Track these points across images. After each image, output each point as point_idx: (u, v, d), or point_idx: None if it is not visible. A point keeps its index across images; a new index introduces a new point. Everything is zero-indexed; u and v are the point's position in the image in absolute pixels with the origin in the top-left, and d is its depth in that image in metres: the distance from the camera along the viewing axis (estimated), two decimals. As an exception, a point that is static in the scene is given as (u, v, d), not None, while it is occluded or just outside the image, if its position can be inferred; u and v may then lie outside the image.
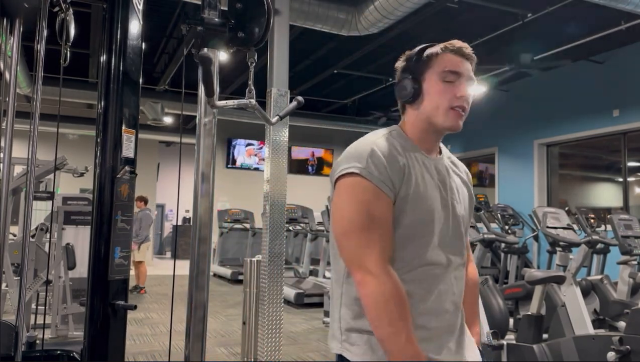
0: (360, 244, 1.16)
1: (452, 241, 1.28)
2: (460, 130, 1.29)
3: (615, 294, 4.67)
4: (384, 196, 1.18)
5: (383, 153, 1.21)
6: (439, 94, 1.26)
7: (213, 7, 1.42)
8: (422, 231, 1.23)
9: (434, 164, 1.30)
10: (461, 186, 1.36)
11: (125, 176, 1.92)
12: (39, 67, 1.87)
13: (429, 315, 1.22)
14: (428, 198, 1.24)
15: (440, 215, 1.25)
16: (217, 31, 1.39)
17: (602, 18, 6.18)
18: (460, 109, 1.27)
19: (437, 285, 1.24)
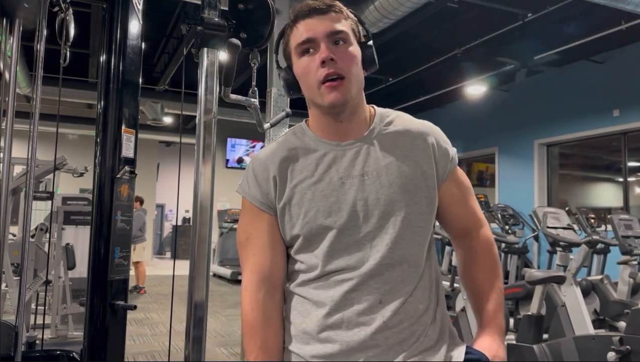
0: (241, 262, 1.15)
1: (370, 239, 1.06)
2: (348, 101, 1.07)
3: (615, 294, 4.66)
4: (259, 211, 1.12)
5: (256, 167, 1.14)
6: (304, 73, 1.09)
7: (213, 7, 1.41)
8: (310, 238, 1.08)
9: (345, 152, 1.10)
10: (393, 164, 1.09)
11: (125, 176, 1.91)
12: (38, 67, 1.87)
13: (335, 329, 1.04)
14: (311, 201, 1.08)
15: (338, 214, 1.07)
16: (217, 31, 1.39)
17: (602, 18, 6.17)
18: (332, 77, 1.05)
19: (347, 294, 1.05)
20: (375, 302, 1.04)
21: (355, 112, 1.12)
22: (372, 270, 1.05)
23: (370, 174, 1.08)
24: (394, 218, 1.06)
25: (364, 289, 1.05)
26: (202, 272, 1.36)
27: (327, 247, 1.06)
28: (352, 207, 1.07)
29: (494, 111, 9.38)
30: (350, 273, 1.06)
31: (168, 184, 15.04)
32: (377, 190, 1.07)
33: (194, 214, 1.36)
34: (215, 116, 1.38)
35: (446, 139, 1.17)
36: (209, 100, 1.37)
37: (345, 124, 1.11)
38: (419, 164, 1.10)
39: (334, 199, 1.07)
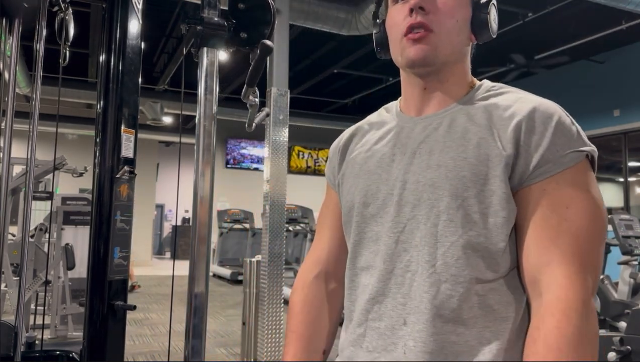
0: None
1: (394, 235, 0.83)
2: (433, 60, 0.85)
3: (615, 294, 4.66)
4: (330, 190, 1.02)
5: (335, 143, 1.03)
6: (391, 26, 0.89)
7: (213, 6, 1.41)
8: (347, 223, 0.92)
9: (416, 125, 0.88)
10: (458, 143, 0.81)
11: (125, 176, 1.91)
12: (38, 66, 1.86)
13: (356, 346, 0.86)
14: (356, 177, 0.91)
15: (374, 196, 0.87)
16: (216, 31, 1.38)
17: (602, 18, 6.17)
18: (417, 27, 0.83)
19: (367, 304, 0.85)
20: (398, 323, 0.80)
21: (446, 80, 0.88)
22: (399, 275, 0.82)
23: (422, 152, 0.84)
24: (431, 210, 0.80)
25: (386, 302, 0.82)
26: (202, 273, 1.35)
27: (355, 236, 0.89)
28: (389, 190, 0.85)
29: (494, 111, 9.38)
30: (372, 276, 0.85)
31: (168, 184, 15.05)
32: (422, 171, 0.82)
33: (193, 214, 1.35)
34: (215, 116, 1.38)
35: (564, 126, 0.78)
36: (209, 100, 1.37)
37: (429, 93, 0.88)
38: (488, 145, 0.78)
39: (376, 177, 0.88)
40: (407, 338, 0.78)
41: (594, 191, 0.77)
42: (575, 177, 0.76)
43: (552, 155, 0.76)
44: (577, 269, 0.72)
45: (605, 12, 5.58)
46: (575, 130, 0.79)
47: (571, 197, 0.75)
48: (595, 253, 0.74)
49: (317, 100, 10.98)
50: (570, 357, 0.67)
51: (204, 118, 1.36)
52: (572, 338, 0.68)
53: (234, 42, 1.43)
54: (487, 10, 0.87)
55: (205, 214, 1.35)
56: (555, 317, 0.70)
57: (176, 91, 9.34)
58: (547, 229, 0.75)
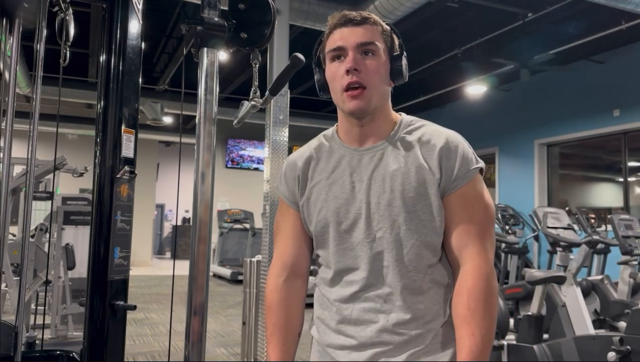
0: (273, 249, 1.31)
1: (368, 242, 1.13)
2: (367, 110, 1.12)
3: (615, 294, 4.66)
4: (286, 206, 1.27)
5: (287, 166, 1.27)
6: (332, 78, 1.16)
7: (213, 6, 1.41)
8: (322, 236, 1.19)
9: (362, 156, 1.16)
10: (400, 171, 1.11)
11: (125, 176, 1.91)
12: (38, 67, 1.86)
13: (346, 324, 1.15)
14: (324, 201, 1.17)
15: (346, 215, 1.14)
16: (217, 31, 1.38)
17: (602, 18, 6.17)
18: (354, 85, 1.11)
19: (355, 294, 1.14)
20: (380, 302, 1.12)
21: (377, 119, 1.17)
22: (374, 272, 1.12)
23: (376, 179, 1.13)
24: (393, 223, 1.11)
25: (368, 291, 1.13)
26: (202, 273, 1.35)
27: (335, 247, 1.16)
28: (357, 210, 1.14)
29: (494, 111, 9.38)
30: (355, 274, 1.14)
31: (168, 184, 15.05)
32: (380, 195, 1.12)
33: (194, 214, 1.36)
34: (216, 116, 1.38)
35: (465, 152, 1.13)
36: (209, 101, 1.37)
37: (366, 129, 1.17)
38: (424, 171, 1.11)
39: (342, 201, 1.15)
40: (388, 311, 1.11)
41: (486, 192, 1.15)
42: (475, 186, 1.13)
43: (460, 173, 1.12)
44: (484, 247, 1.11)
45: (605, 12, 5.58)
46: (471, 153, 1.15)
47: (474, 198, 1.12)
48: (491, 233, 1.14)
49: (317, 100, 10.98)
50: (485, 302, 1.06)
51: (204, 118, 1.36)
52: (486, 291, 1.07)
53: (235, 43, 1.43)
54: (401, 61, 1.17)
55: (205, 214, 1.35)
56: (474, 278, 1.08)
57: (176, 91, 9.34)
58: (462, 222, 1.11)
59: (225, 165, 13.56)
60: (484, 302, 1.06)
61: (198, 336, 1.36)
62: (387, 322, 1.10)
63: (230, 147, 13.74)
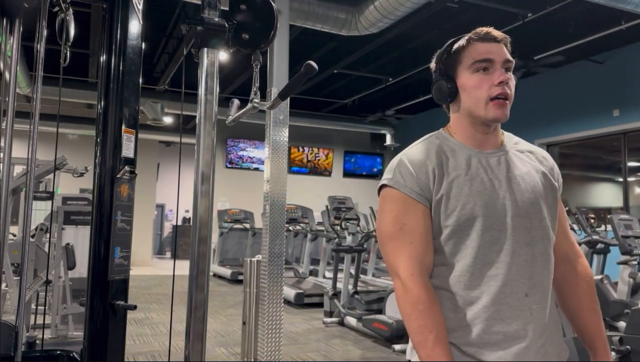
0: (393, 252, 1.21)
1: (515, 236, 1.19)
2: (505, 118, 1.23)
3: (615, 294, 4.66)
4: (414, 202, 1.21)
5: (411, 161, 1.24)
6: (475, 87, 1.23)
7: (213, 6, 1.41)
8: (462, 230, 1.19)
9: (487, 158, 1.25)
10: (531, 173, 1.26)
11: (125, 176, 1.91)
12: (38, 67, 1.87)
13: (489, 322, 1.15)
14: (469, 195, 1.19)
15: (492, 209, 1.19)
16: (217, 31, 1.39)
17: (602, 18, 6.18)
18: (502, 96, 1.21)
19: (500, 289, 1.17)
20: (522, 296, 1.17)
21: (497, 129, 1.30)
22: (518, 266, 1.18)
23: (515, 179, 1.23)
24: (536, 219, 1.21)
25: (512, 284, 1.17)
26: (202, 272, 1.36)
27: (480, 240, 1.18)
28: (502, 205, 1.20)
29: (494, 111, 9.37)
30: (497, 269, 1.17)
31: (168, 184, 15.05)
32: (523, 193, 1.22)
33: (194, 214, 1.36)
34: (216, 116, 1.38)
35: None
36: (209, 101, 1.37)
37: (489, 136, 1.28)
38: (548, 178, 1.29)
39: (487, 196, 1.20)
40: (530, 304, 1.17)
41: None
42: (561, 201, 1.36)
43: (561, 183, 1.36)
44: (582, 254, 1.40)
45: (604, 12, 5.58)
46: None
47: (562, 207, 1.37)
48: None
49: (317, 100, 10.98)
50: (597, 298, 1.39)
51: (204, 118, 1.36)
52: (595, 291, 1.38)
53: (236, 43, 1.43)
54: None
55: (205, 214, 1.35)
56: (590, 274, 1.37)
57: (176, 91, 9.34)
58: (564, 222, 1.36)
59: (225, 166, 13.56)
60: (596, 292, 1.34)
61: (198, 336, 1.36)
62: (531, 315, 1.17)
63: (230, 147, 13.74)
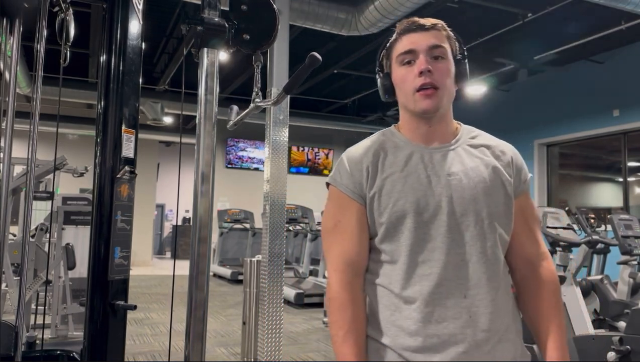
0: (326, 247, 1.23)
1: (452, 234, 1.14)
2: (439, 109, 1.18)
3: (615, 294, 4.66)
4: (349, 200, 1.21)
5: (349, 159, 1.23)
6: (402, 81, 1.20)
7: (213, 6, 1.41)
8: (395, 228, 1.15)
9: (432, 154, 1.19)
10: (478, 169, 1.18)
11: (125, 176, 1.91)
12: (38, 67, 1.87)
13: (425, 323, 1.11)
14: (401, 192, 1.15)
15: (425, 207, 1.14)
16: (217, 31, 1.39)
17: (602, 18, 6.17)
18: (427, 86, 1.15)
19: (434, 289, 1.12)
20: (460, 297, 1.11)
21: (443, 120, 1.22)
22: (453, 265, 1.12)
23: (455, 175, 1.17)
24: (476, 217, 1.15)
25: (448, 285, 1.11)
26: (202, 272, 1.36)
27: (413, 238, 1.14)
28: (437, 203, 1.14)
29: (494, 111, 9.38)
30: (431, 267, 1.12)
31: (168, 184, 15.05)
32: (464, 189, 1.16)
33: (194, 214, 1.36)
34: (216, 116, 1.38)
35: (523, 162, 1.28)
36: (209, 101, 1.37)
37: (434, 128, 1.21)
38: (500, 173, 1.20)
39: (421, 193, 1.15)
40: (470, 306, 1.11)
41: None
42: (529, 193, 1.29)
43: (523, 181, 1.26)
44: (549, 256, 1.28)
45: (605, 12, 5.58)
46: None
47: (531, 205, 1.28)
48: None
49: (317, 100, 10.98)
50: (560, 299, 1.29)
51: (204, 118, 1.36)
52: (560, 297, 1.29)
53: (236, 44, 1.43)
54: (465, 65, 1.25)
55: (205, 214, 1.35)
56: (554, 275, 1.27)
57: (177, 91, 9.34)
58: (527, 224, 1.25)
59: (225, 166, 13.56)
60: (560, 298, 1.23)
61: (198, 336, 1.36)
62: (470, 318, 1.10)
63: (230, 147, 13.74)
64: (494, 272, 1.14)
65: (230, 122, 1.65)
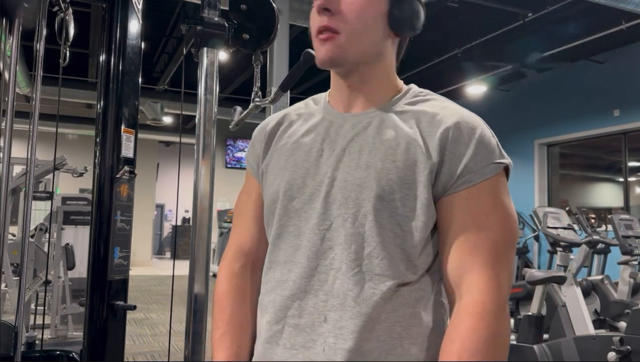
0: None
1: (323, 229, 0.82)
2: (335, 61, 0.85)
3: (615, 294, 4.66)
4: (250, 179, 0.99)
5: (258, 129, 0.99)
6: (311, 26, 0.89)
7: (213, 6, 1.41)
8: (270, 215, 0.90)
9: (344, 121, 0.87)
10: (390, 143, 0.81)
11: (125, 176, 1.91)
12: (38, 66, 1.86)
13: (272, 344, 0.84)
14: (281, 169, 0.89)
15: (300, 190, 0.85)
16: (217, 31, 1.38)
17: (602, 18, 6.17)
18: (322, 29, 0.83)
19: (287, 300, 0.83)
20: (318, 320, 0.80)
21: (368, 81, 0.88)
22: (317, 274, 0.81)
23: (352, 150, 0.83)
24: (358, 211, 0.80)
25: (307, 299, 0.81)
26: (201, 273, 1.35)
27: (277, 229, 0.87)
28: (316, 186, 0.84)
29: (493, 111, 9.38)
30: (291, 273, 0.84)
31: (168, 184, 15.04)
32: (351, 170, 0.82)
33: (194, 214, 1.36)
34: (215, 116, 1.38)
35: (485, 139, 0.82)
36: (209, 100, 1.37)
37: (355, 93, 0.88)
38: (416, 150, 0.80)
39: (302, 171, 0.86)
40: (327, 335, 0.78)
41: (509, 201, 0.82)
42: (494, 188, 0.80)
43: (475, 165, 0.79)
44: (494, 275, 0.76)
45: (605, 12, 5.58)
46: (495, 143, 0.83)
47: (490, 206, 0.79)
48: (510, 260, 0.80)
49: (317, 100, 10.97)
50: (484, 357, 0.72)
51: (204, 118, 1.36)
52: (488, 339, 0.73)
53: (236, 43, 1.43)
54: (409, 5, 0.86)
55: (205, 214, 1.35)
56: (473, 319, 0.74)
57: (176, 91, 9.33)
58: (468, 236, 0.78)
59: (225, 166, 13.56)
60: (484, 356, 0.72)
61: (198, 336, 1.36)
62: (324, 352, 0.78)
63: (228, 148, 13.74)
64: (370, 292, 0.78)
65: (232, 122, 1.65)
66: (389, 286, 0.78)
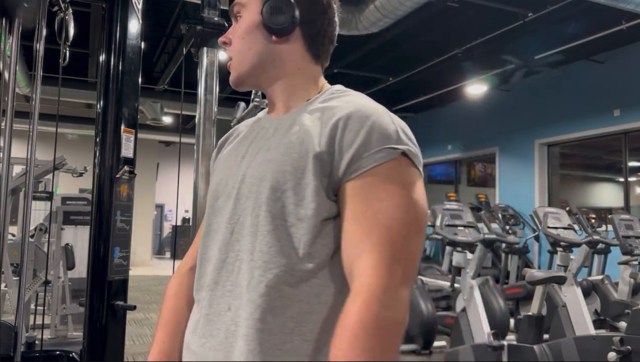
0: None
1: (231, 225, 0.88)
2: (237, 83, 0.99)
3: (616, 294, 4.67)
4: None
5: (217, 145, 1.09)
6: None
7: (213, 6, 1.41)
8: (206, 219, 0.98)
9: (269, 125, 0.94)
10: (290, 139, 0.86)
11: (125, 176, 1.91)
12: (38, 66, 1.86)
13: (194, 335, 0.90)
14: (218, 173, 0.97)
15: (218, 192, 0.93)
16: (217, 31, 1.38)
17: (602, 18, 6.17)
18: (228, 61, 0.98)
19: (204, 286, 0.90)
20: (224, 309, 0.85)
21: (279, 87, 0.95)
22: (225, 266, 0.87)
23: (263, 148, 0.89)
24: (255, 203, 0.84)
25: (217, 289, 0.87)
26: (202, 273, 1.35)
27: (205, 229, 0.94)
28: (233, 184, 0.90)
29: (494, 111, 9.38)
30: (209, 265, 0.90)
31: (168, 184, 15.04)
32: (257, 166, 0.87)
33: (193, 214, 1.35)
34: (215, 116, 1.38)
35: (378, 126, 0.81)
36: (209, 100, 1.37)
37: (277, 99, 0.96)
38: (309, 141, 0.83)
39: (227, 172, 0.93)
40: (229, 323, 0.83)
41: (411, 185, 0.80)
42: (390, 173, 0.79)
43: (365, 151, 0.79)
44: (385, 258, 0.75)
45: (605, 12, 5.58)
46: (393, 130, 0.82)
47: (386, 191, 0.78)
48: (410, 244, 0.78)
49: (317, 100, 10.97)
50: (363, 342, 0.70)
51: (204, 118, 1.36)
52: (369, 324, 0.71)
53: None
54: (263, 10, 0.91)
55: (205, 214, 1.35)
56: (357, 304, 0.73)
57: (176, 91, 9.33)
58: (361, 222, 0.78)
59: (225, 165, 13.59)
60: (365, 342, 0.70)
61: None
62: (226, 339, 0.82)
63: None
64: (257, 280, 0.80)
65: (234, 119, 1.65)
66: (275, 273, 0.80)
